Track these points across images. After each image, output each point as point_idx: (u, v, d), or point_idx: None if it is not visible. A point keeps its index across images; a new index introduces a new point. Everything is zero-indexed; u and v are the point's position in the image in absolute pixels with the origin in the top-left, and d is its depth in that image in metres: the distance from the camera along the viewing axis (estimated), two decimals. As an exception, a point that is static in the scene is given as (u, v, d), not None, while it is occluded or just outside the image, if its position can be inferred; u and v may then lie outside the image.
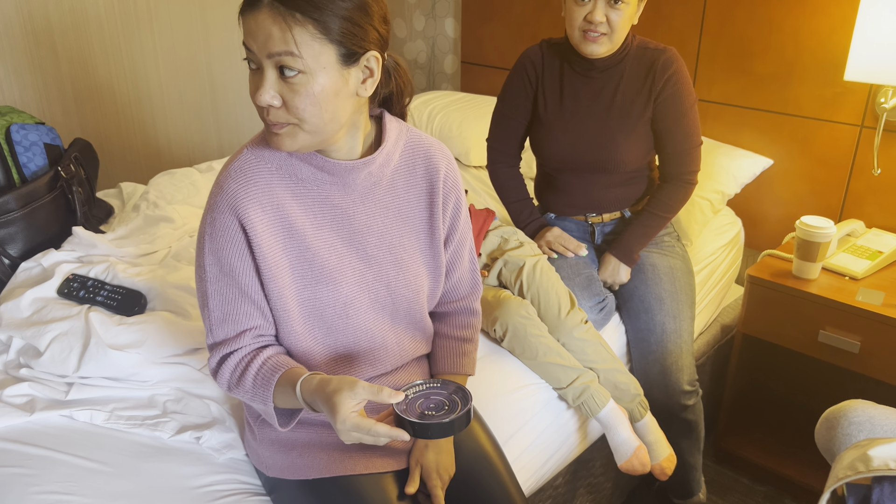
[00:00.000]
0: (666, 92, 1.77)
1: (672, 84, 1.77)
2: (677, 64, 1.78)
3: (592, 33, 1.68)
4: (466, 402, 1.02)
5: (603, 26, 1.67)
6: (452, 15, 3.08)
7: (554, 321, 1.69)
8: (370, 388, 0.99)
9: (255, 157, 1.11)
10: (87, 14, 2.41)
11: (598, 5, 1.65)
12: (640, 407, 1.71)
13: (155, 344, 1.41)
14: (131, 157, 2.67)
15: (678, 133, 1.82)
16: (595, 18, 1.65)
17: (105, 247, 1.67)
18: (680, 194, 1.88)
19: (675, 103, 1.79)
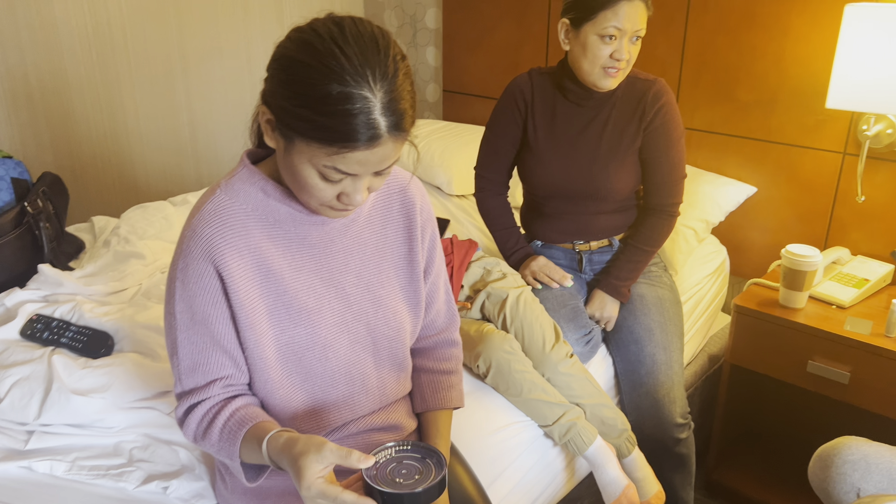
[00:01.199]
0: (656, 122, 1.77)
1: (662, 115, 1.77)
2: (667, 95, 1.78)
3: (613, 69, 1.67)
4: (441, 468, 0.96)
5: (625, 63, 1.67)
6: (433, 44, 3.07)
7: (538, 355, 1.65)
8: (338, 451, 0.92)
9: (229, 197, 1.06)
10: (61, 44, 2.37)
11: (623, 44, 1.65)
12: (627, 443, 1.66)
13: (121, 388, 1.35)
14: (107, 189, 2.61)
15: (665, 164, 1.81)
16: (621, 56, 1.66)
17: (72, 285, 1.61)
18: (663, 226, 1.86)
19: (664, 134, 1.78)
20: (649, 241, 1.86)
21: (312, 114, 0.91)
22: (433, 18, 3.03)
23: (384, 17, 3.19)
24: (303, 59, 0.92)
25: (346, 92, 0.89)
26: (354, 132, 0.90)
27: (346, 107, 0.89)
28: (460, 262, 1.82)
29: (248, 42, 2.85)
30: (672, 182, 1.83)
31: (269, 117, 0.98)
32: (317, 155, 0.94)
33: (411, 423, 1.28)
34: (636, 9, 1.62)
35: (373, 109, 0.91)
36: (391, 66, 0.93)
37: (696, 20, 2.29)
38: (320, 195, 0.99)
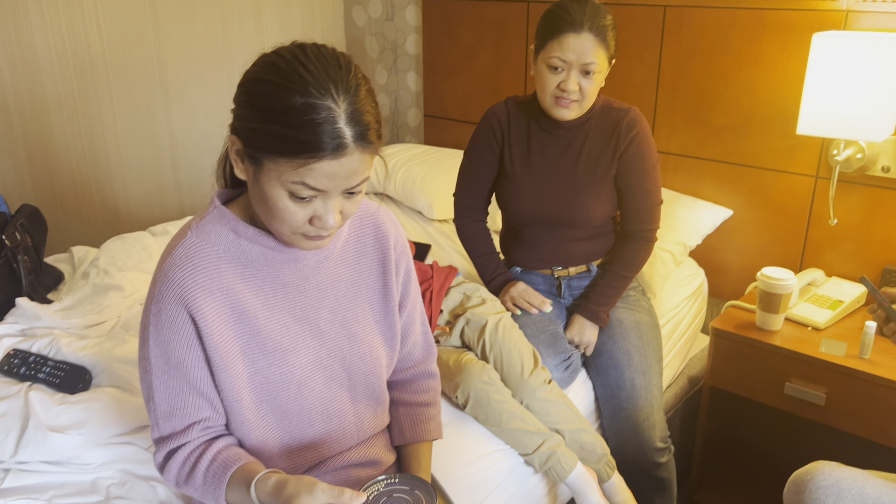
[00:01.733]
0: (630, 151, 1.79)
1: (636, 143, 1.79)
2: (641, 124, 1.81)
3: (563, 100, 1.70)
4: (431, 498, 0.99)
5: (575, 94, 1.69)
6: (414, 69, 3.10)
7: (517, 382, 1.66)
8: (330, 490, 0.94)
9: (200, 239, 1.06)
10: (41, 71, 2.37)
11: (572, 75, 1.67)
12: (607, 467, 1.67)
13: (99, 423, 1.35)
14: (87, 217, 2.60)
15: (640, 191, 1.83)
16: (568, 87, 1.68)
17: (50, 318, 1.61)
18: (641, 252, 1.88)
19: (639, 162, 1.80)
20: (627, 266, 1.88)
21: (278, 127, 0.93)
22: (413, 45, 3.07)
23: (365, 43, 3.23)
24: (266, 78, 0.95)
25: (309, 102, 0.92)
26: (320, 141, 0.92)
27: (310, 116, 0.92)
28: (440, 286, 1.84)
29: (229, 68, 2.87)
30: (648, 209, 1.85)
31: (237, 147, 1.00)
32: (284, 171, 0.94)
33: (390, 456, 1.28)
34: (583, 42, 1.64)
35: (337, 119, 0.93)
36: (353, 81, 0.96)
37: (669, 47, 2.33)
38: (292, 220, 0.99)
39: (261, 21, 2.95)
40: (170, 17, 2.66)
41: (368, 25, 3.19)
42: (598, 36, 1.65)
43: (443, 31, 2.90)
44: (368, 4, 3.16)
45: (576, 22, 1.63)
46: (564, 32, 1.64)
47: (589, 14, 1.64)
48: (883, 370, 1.75)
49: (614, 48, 1.71)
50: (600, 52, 1.66)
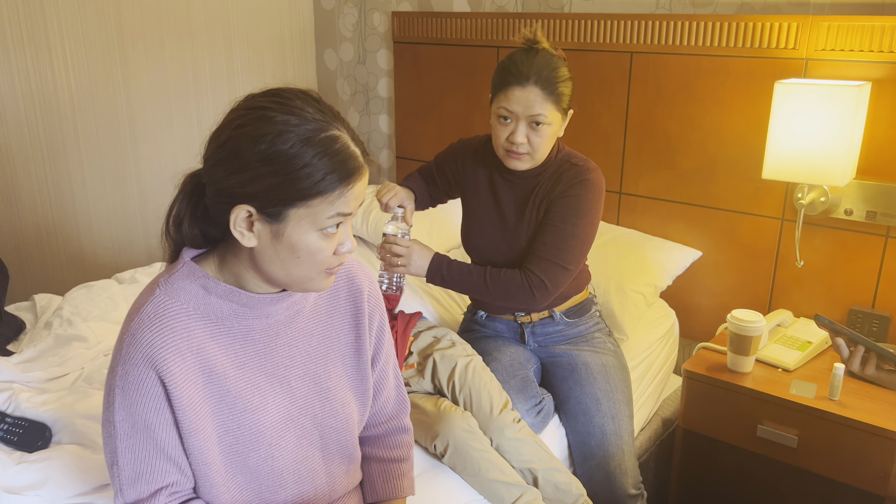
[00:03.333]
0: (563, 193, 1.73)
1: (573, 190, 1.72)
2: (591, 179, 1.73)
3: (513, 152, 1.70)
4: None
5: (524, 146, 1.68)
6: (386, 112, 3.12)
7: (486, 420, 1.64)
8: None
9: (169, 297, 1.03)
10: (5, 115, 2.34)
11: (520, 128, 1.67)
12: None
13: (58, 483, 1.30)
14: (52, 264, 2.55)
15: (548, 236, 1.73)
16: (516, 139, 1.67)
17: (9, 372, 1.56)
18: (516, 282, 1.72)
19: (562, 208, 1.72)
20: (494, 275, 1.74)
21: (309, 168, 0.94)
22: (385, 87, 3.09)
23: (337, 85, 3.24)
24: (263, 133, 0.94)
25: (329, 135, 0.96)
26: (350, 166, 0.97)
27: (335, 146, 0.96)
28: (403, 329, 1.82)
29: (198, 111, 2.86)
30: (542, 257, 1.72)
31: (245, 215, 0.97)
32: (319, 210, 0.96)
33: (361, 515, 1.25)
34: (528, 94, 1.63)
35: (349, 143, 0.98)
36: (332, 109, 1.00)
37: (636, 92, 2.37)
38: (322, 257, 1.01)
39: (232, 65, 2.95)
40: (139, 60, 2.65)
41: (340, 68, 3.21)
42: (544, 89, 1.63)
43: (414, 75, 2.93)
44: (340, 48, 3.18)
45: (521, 75, 1.63)
46: (511, 85, 1.65)
47: (537, 66, 1.63)
48: (853, 412, 1.76)
49: (568, 100, 1.69)
50: (547, 104, 1.64)
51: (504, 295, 1.74)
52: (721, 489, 2.33)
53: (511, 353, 1.86)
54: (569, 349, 1.88)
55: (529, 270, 1.72)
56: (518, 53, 1.67)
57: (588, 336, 1.92)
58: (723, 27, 2.15)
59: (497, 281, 1.73)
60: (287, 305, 1.10)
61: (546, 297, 1.73)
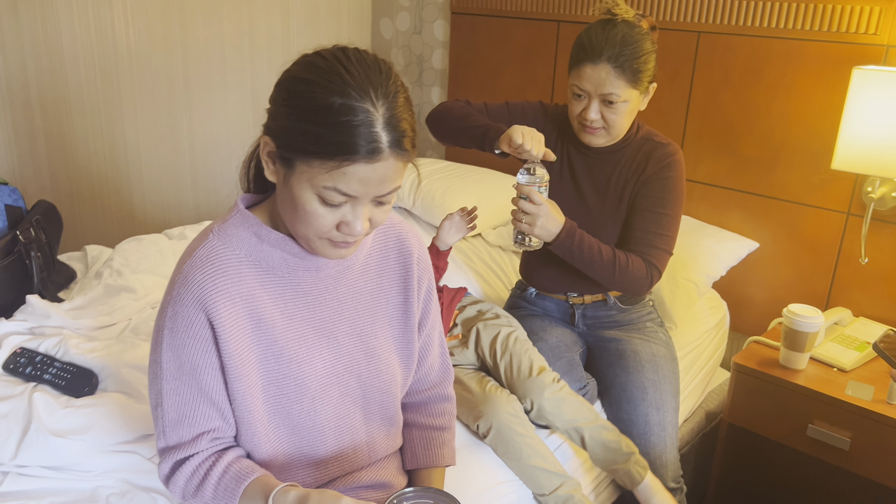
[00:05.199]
0: (654, 175, 1.70)
1: (663, 171, 1.69)
2: (676, 160, 1.70)
3: (588, 127, 1.66)
4: None
5: (598, 122, 1.64)
6: (439, 84, 3.08)
7: (524, 382, 1.61)
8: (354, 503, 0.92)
9: (222, 242, 1.03)
10: (66, 70, 2.36)
11: (592, 105, 1.62)
12: (637, 467, 1.60)
13: (103, 430, 1.31)
14: (103, 217, 2.58)
15: (648, 219, 1.69)
16: (589, 116, 1.63)
17: (59, 318, 1.57)
18: (641, 272, 1.67)
19: (657, 189, 1.69)
20: (621, 259, 1.66)
21: (314, 126, 0.91)
22: (440, 59, 3.05)
23: (391, 55, 3.21)
24: (306, 77, 0.93)
25: (348, 104, 0.90)
26: (355, 143, 0.90)
27: (347, 118, 0.90)
28: (448, 302, 1.80)
29: (252, 74, 2.85)
30: (650, 239, 1.68)
31: (270, 148, 0.97)
32: (317, 175, 0.92)
33: (401, 480, 1.23)
34: (600, 72, 1.57)
35: (374, 122, 0.90)
36: (392, 87, 0.94)
37: (701, 74, 2.29)
38: (319, 224, 0.96)
39: (287, 29, 2.94)
40: (197, 20, 2.65)
41: (395, 38, 3.18)
42: (617, 66, 1.56)
43: (470, 48, 2.88)
44: (396, 17, 3.14)
45: (594, 51, 1.57)
46: (583, 62, 1.59)
47: (611, 42, 1.56)
48: (912, 417, 1.68)
49: (648, 76, 1.62)
50: (620, 83, 1.58)
51: (624, 283, 1.67)
52: (763, 487, 2.27)
53: (558, 333, 1.82)
54: (619, 335, 1.83)
55: (649, 261, 1.67)
56: (595, 26, 1.62)
57: (640, 324, 1.87)
58: (798, 8, 2.05)
59: (625, 269, 1.65)
60: (337, 261, 1.09)
61: (656, 283, 1.71)
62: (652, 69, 1.63)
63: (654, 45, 1.63)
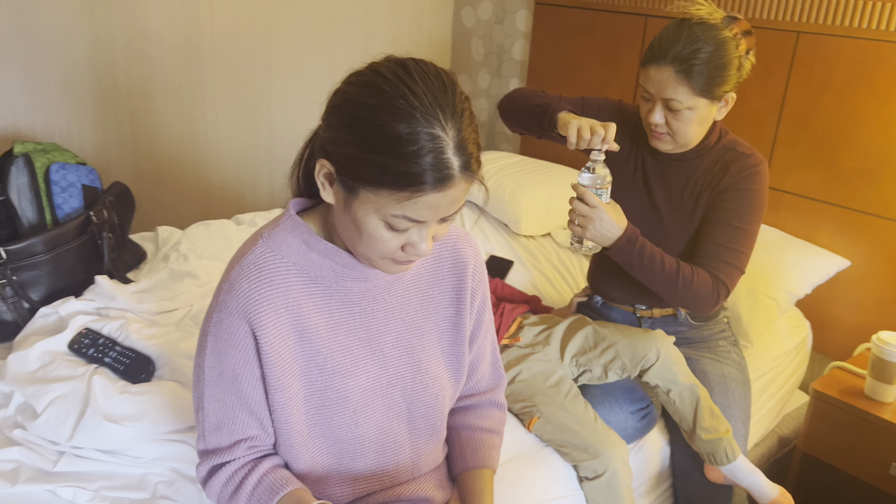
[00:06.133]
0: (733, 187, 1.57)
1: (744, 185, 1.57)
2: (757, 172, 1.57)
3: (654, 131, 1.56)
4: None
5: (661, 127, 1.54)
6: (518, 76, 3.00)
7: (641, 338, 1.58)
8: None
9: (270, 249, 1.01)
10: (151, 54, 2.42)
11: (656, 108, 1.52)
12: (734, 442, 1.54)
13: (155, 418, 1.32)
14: (180, 198, 2.64)
15: (720, 233, 1.57)
16: (653, 119, 1.53)
17: (124, 300, 1.61)
18: (707, 288, 1.55)
19: (734, 204, 1.56)
20: (686, 270, 1.55)
21: (382, 157, 0.86)
22: (520, 51, 2.97)
23: (471, 45, 3.15)
24: (368, 102, 0.87)
25: (417, 132, 0.85)
26: (426, 174, 0.86)
27: (418, 147, 0.85)
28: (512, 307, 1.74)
29: (332, 62, 2.85)
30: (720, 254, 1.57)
31: (328, 170, 0.93)
32: (385, 204, 0.88)
33: (440, 494, 1.19)
34: (662, 74, 1.47)
35: (445, 149, 0.86)
36: (459, 105, 0.89)
37: (799, 76, 2.14)
38: (384, 248, 0.94)
39: (369, 16, 2.92)
40: (280, 6, 2.66)
41: (476, 27, 3.12)
42: (680, 71, 1.45)
43: (552, 40, 2.79)
44: (479, 6, 3.08)
45: (660, 51, 1.47)
46: (648, 62, 1.50)
47: (680, 44, 1.45)
48: None
49: (717, 86, 1.48)
50: (682, 88, 1.46)
51: (688, 297, 1.55)
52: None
53: (622, 347, 1.74)
54: (688, 353, 1.72)
55: (717, 276, 1.55)
56: (670, 25, 1.51)
57: (711, 343, 1.76)
58: (913, 10, 1.88)
59: (689, 282, 1.53)
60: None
61: (723, 301, 1.59)
62: (730, 78, 1.49)
63: (739, 51, 1.49)
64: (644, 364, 1.54)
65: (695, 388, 1.54)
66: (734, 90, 1.53)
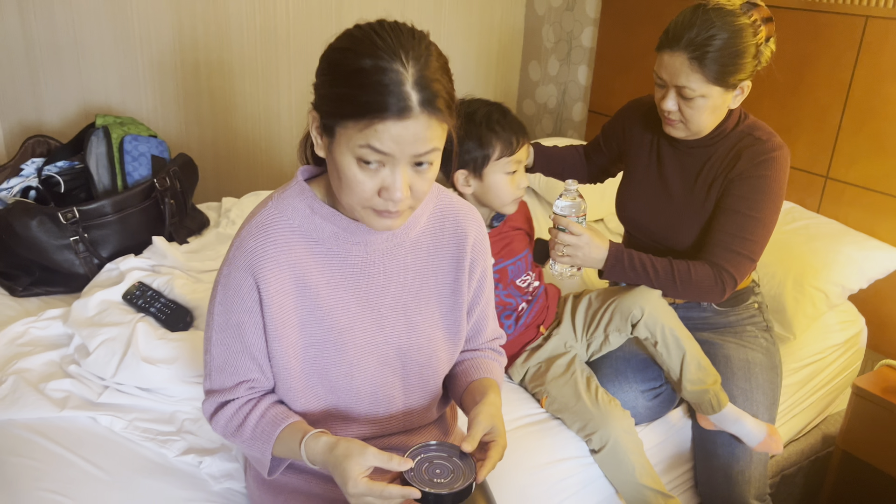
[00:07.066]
0: (746, 174, 1.54)
1: (757, 171, 1.53)
2: (774, 158, 1.53)
3: (667, 118, 1.56)
4: (472, 467, 1.02)
5: (674, 114, 1.53)
6: (586, 63, 3.00)
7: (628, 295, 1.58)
8: (379, 455, 0.98)
9: (278, 212, 1.09)
10: (231, 38, 2.59)
11: (669, 95, 1.51)
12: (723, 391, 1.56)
13: (187, 362, 1.46)
14: (254, 173, 2.82)
15: (730, 222, 1.55)
16: (665, 106, 1.52)
17: (174, 259, 1.77)
18: (709, 280, 1.55)
19: (746, 190, 1.53)
20: (681, 269, 1.55)
21: (346, 89, 0.95)
22: (589, 37, 2.96)
23: (542, 32, 3.17)
24: (340, 46, 0.99)
25: (378, 65, 0.93)
26: (385, 102, 0.93)
27: (377, 78, 0.93)
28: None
29: (402, 47, 2.94)
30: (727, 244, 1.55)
31: (316, 122, 1.03)
32: (352, 136, 0.96)
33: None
34: (675, 61, 1.45)
35: (404, 81, 0.93)
36: (424, 51, 0.96)
37: (866, 64, 2.05)
38: (361, 190, 0.99)
39: (440, 5, 2.99)
40: (353, -7, 2.78)
41: (548, 14, 3.13)
42: (694, 58, 1.43)
43: (621, 25, 2.78)
44: (550, -7, 3.09)
45: (674, 37, 1.45)
46: (663, 48, 1.48)
47: (694, 30, 1.42)
48: None
49: (732, 74, 1.46)
50: (695, 76, 1.44)
51: (692, 292, 1.57)
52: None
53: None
54: (711, 338, 1.71)
55: (718, 264, 1.55)
56: (687, 10, 1.49)
57: (738, 328, 1.73)
58: None
59: (687, 278, 1.54)
60: (386, 237, 1.12)
61: (731, 291, 1.58)
62: (746, 66, 1.46)
63: (757, 38, 1.46)
64: (632, 319, 1.56)
65: (681, 342, 1.54)
66: (750, 78, 1.51)
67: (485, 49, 3.20)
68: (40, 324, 1.61)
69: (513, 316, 1.66)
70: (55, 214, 1.76)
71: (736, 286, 1.56)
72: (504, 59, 3.29)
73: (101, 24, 2.32)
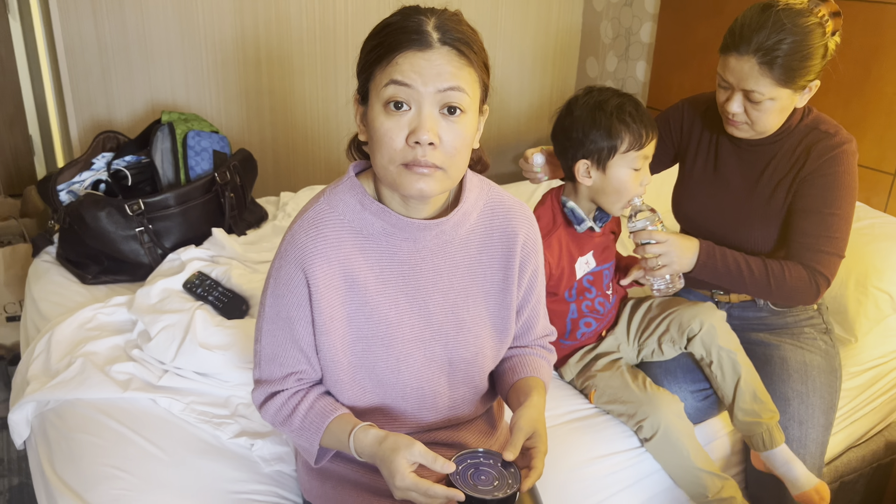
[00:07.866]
0: (817, 172, 1.51)
1: (828, 168, 1.50)
2: (843, 151, 1.50)
3: (731, 120, 1.52)
4: (516, 476, 1.01)
5: (740, 116, 1.50)
6: (644, 59, 2.96)
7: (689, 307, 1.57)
8: (426, 454, 1.00)
9: (329, 207, 1.11)
10: (291, 37, 2.66)
11: (735, 97, 1.48)
12: (778, 428, 1.52)
13: (241, 349, 1.51)
14: (312, 169, 2.89)
15: (815, 225, 1.52)
16: (731, 109, 1.49)
17: (232, 250, 1.83)
18: (804, 282, 1.52)
19: (821, 190, 1.51)
20: (775, 269, 1.52)
21: (374, 41, 1.03)
22: (648, 32, 2.92)
23: (601, 28, 3.14)
24: (373, 30, 1.06)
25: (402, 21, 1.02)
26: (406, 38, 0.99)
27: (401, 24, 1.01)
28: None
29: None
30: (814, 246, 1.52)
31: (358, 109, 1.07)
32: (380, 84, 1.01)
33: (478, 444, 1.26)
34: (743, 65, 1.41)
35: (426, 24, 1.00)
36: (451, 14, 1.04)
37: (937, 55, 1.97)
38: (390, 139, 1.00)
39: (496, 3, 3.00)
40: (410, -9, 2.81)
41: (606, 10, 3.10)
42: (764, 62, 1.40)
43: (680, 20, 2.73)
44: (609, -12, 3.07)
45: (741, 40, 1.41)
46: (728, 51, 1.44)
47: (763, 33, 1.38)
48: None
49: (802, 76, 1.43)
50: (765, 80, 1.41)
51: (784, 294, 1.53)
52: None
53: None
54: (768, 339, 1.67)
55: (813, 267, 1.51)
56: (751, 11, 1.45)
57: (796, 329, 1.68)
58: None
59: (782, 278, 1.51)
60: (436, 234, 1.13)
61: (825, 291, 1.54)
62: (815, 67, 1.43)
63: (826, 37, 1.42)
64: (689, 332, 1.53)
65: (738, 366, 1.50)
66: (819, 77, 1.47)
67: (542, 46, 3.19)
68: (107, 310, 1.69)
69: (592, 325, 1.64)
70: (122, 206, 1.84)
71: (829, 286, 1.53)
72: (561, 56, 3.27)
73: (168, 26, 2.41)
